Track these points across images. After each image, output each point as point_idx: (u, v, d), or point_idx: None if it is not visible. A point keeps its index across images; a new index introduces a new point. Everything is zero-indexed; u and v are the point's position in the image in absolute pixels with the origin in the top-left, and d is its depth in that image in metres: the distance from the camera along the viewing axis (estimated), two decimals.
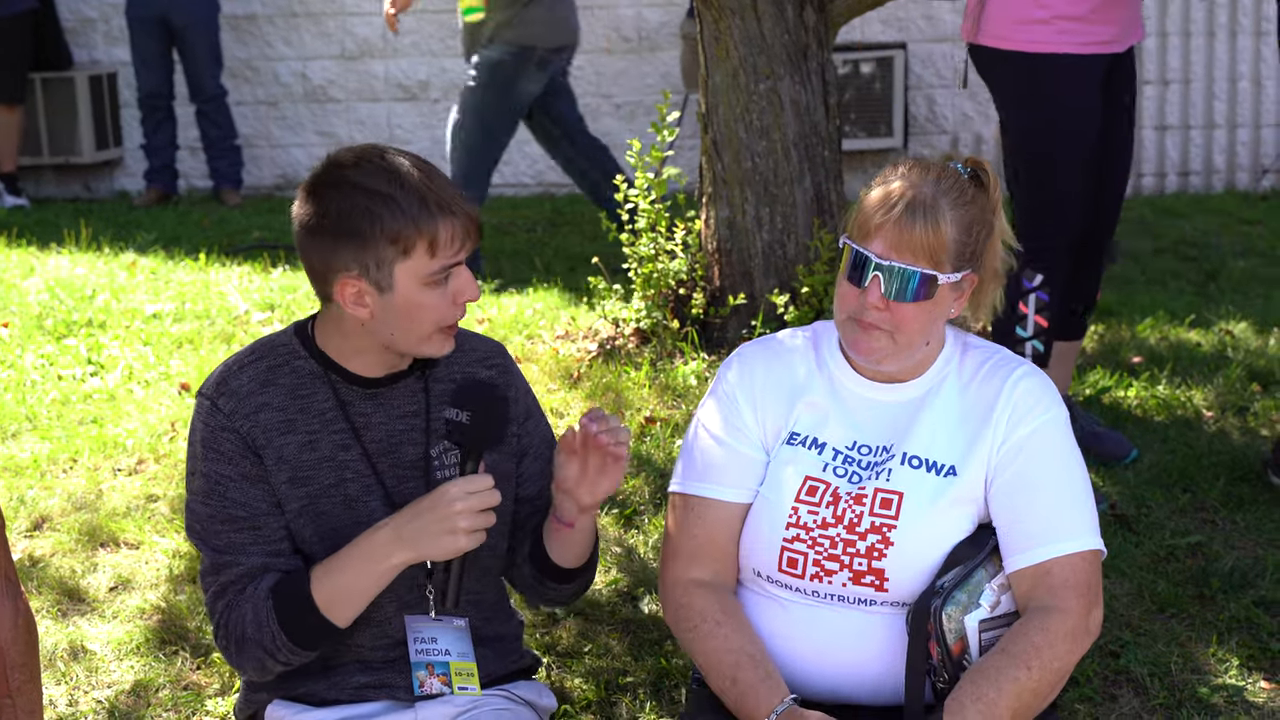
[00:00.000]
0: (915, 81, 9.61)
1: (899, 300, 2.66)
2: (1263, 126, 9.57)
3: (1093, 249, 4.67)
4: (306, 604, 2.62)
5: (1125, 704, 3.47)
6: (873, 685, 2.73)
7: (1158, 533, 4.21)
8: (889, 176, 2.72)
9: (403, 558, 2.60)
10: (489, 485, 2.58)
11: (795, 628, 2.74)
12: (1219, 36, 9.53)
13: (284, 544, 2.69)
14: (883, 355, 2.72)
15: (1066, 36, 4.38)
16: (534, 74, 7.32)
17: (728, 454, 2.80)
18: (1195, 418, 5.05)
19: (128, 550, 4.29)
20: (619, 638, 3.76)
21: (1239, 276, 7.06)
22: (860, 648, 2.72)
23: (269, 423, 2.69)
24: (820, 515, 2.71)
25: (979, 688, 2.57)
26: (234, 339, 6.00)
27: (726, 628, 2.73)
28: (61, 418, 5.22)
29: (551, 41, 7.33)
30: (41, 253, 7.77)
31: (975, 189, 2.73)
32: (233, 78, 9.96)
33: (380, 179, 2.58)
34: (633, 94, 9.81)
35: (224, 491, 2.68)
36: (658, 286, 5.29)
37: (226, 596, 2.68)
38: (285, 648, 2.64)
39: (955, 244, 2.67)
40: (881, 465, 2.72)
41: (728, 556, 2.81)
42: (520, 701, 2.87)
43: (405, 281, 2.60)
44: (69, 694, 3.63)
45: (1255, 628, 3.75)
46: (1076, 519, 2.69)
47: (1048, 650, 2.61)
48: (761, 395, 2.82)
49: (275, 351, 2.75)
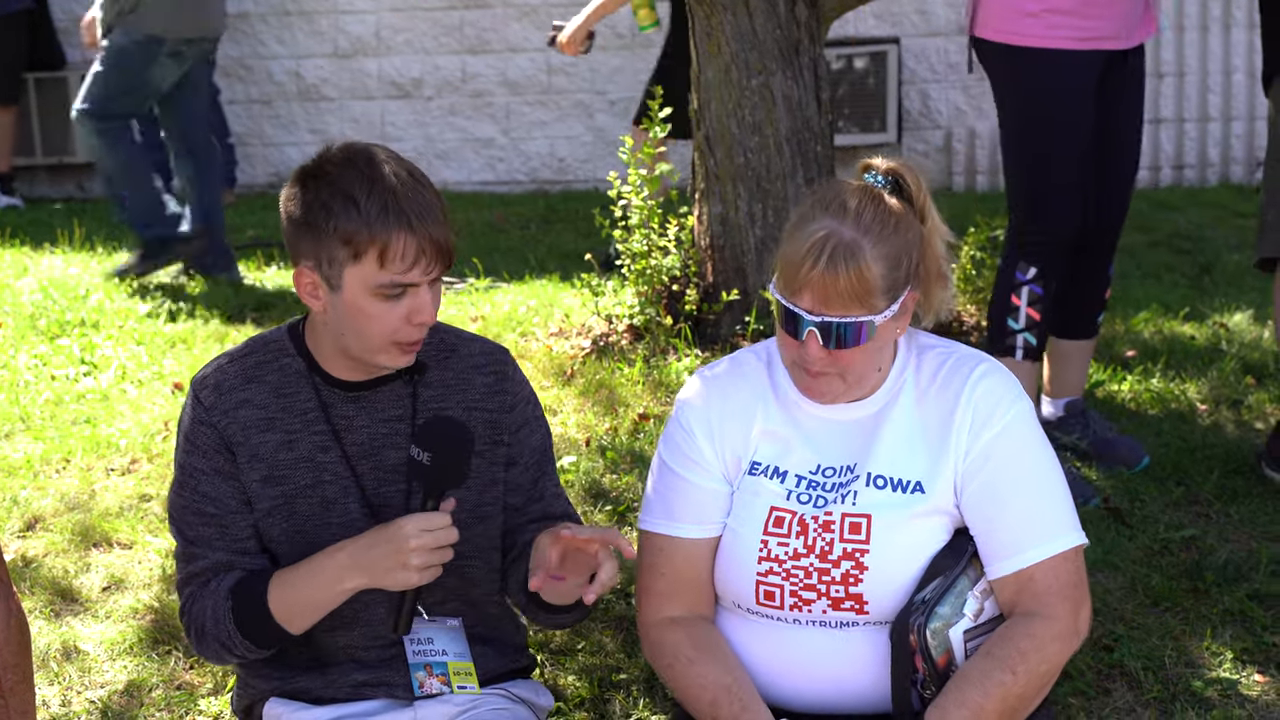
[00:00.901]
0: (909, 76, 9.60)
1: (838, 349, 2.62)
2: (1257, 119, 9.56)
3: (1097, 247, 4.65)
4: (262, 610, 2.66)
5: (1119, 698, 3.47)
6: (860, 699, 2.72)
7: (1151, 526, 4.21)
8: (806, 218, 2.64)
9: (356, 583, 2.62)
10: (446, 524, 2.57)
11: (781, 647, 2.72)
12: (1212, 30, 9.52)
13: (250, 542, 2.72)
14: (835, 396, 2.70)
15: (1058, 31, 4.37)
16: (166, 64, 6.88)
17: (689, 490, 2.77)
18: (1189, 411, 5.05)
19: (120, 550, 4.29)
20: (612, 635, 3.76)
21: (1233, 270, 7.05)
22: (846, 664, 2.70)
23: (248, 419, 2.70)
24: (790, 546, 2.68)
25: (964, 693, 2.56)
26: (227, 338, 5.99)
27: (700, 664, 2.70)
28: (54, 418, 5.21)
29: (181, 32, 6.87)
30: (35, 253, 7.76)
31: (899, 202, 2.67)
32: (226, 76, 9.95)
33: (353, 180, 2.58)
34: (627, 90, 9.80)
35: (196, 484, 2.71)
36: (651, 283, 5.29)
37: (191, 586, 2.73)
38: (241, 645, 2.69)
39: (885, 280, 2.60)
40: (846, 487, 2.69)
41: (699, 591, 2.78)
42: (518, 700, 2.87)
43: (353, 285, 2.60)
44: (62, 694, 3.62)
45: (1249, 621, 3.74)
46: (1053, 518, 2.67)
47: (1034, 655, 2.59)
48: (719, 427, 2.78)
49: (266, 348, 2.77)
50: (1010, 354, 4.48)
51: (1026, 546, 2.63)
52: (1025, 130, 4.50)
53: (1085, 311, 4.74)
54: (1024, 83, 4.47)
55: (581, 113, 9.93)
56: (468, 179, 10.00)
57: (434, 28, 9.89)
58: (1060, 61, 4.40)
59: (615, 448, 4.59)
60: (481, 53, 9.91)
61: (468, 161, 10.01)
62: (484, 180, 10.00)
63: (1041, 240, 4.47)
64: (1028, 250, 4.48)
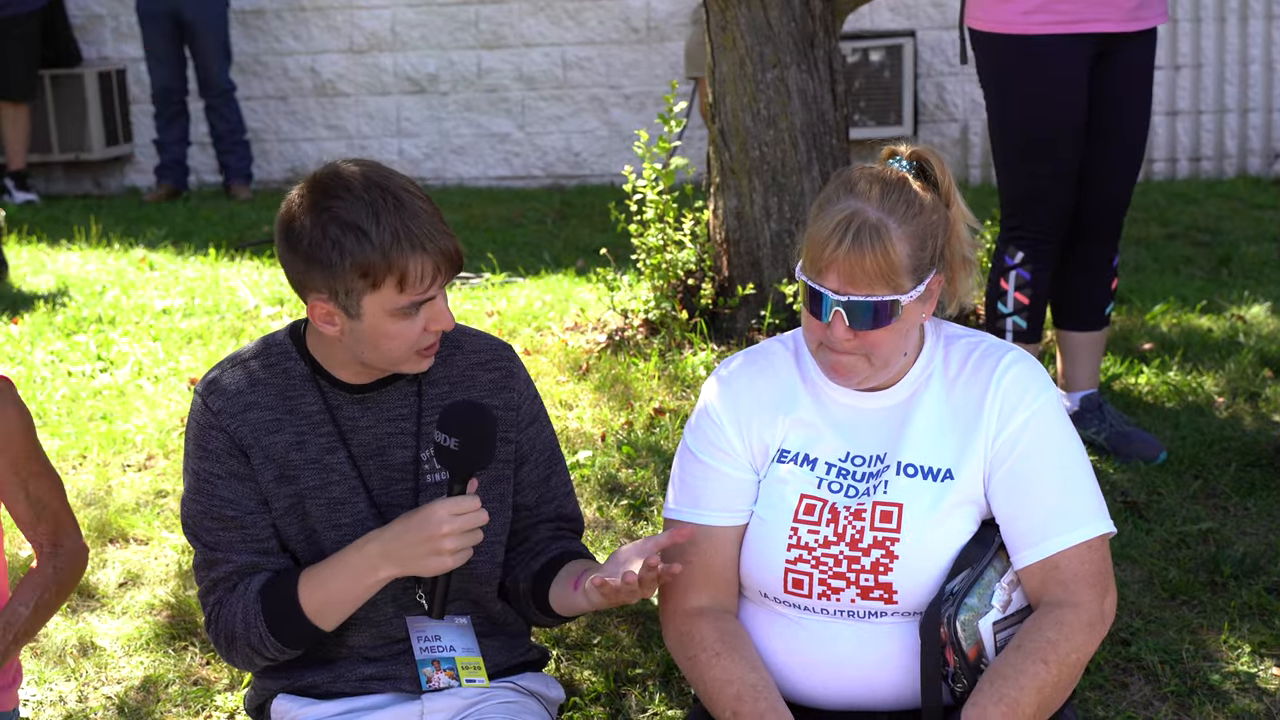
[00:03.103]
0: (925, 69, 9.58)
1: (864, 329, 2.60)
2: (1274, 110, 9.53)
3: (1097, 235, 4.64)
4: (294, 608, 2.66)
5: (1136, 691, 3.46)
6: (889, 694, 2.70)
7: (1169, 520, 4.20)
8: (831, 199, 2.62)
9: (390, 573, 2.63)
10: (476, 506, 2.60)
11: (806, 643, 2.71)
12: (1229, 21, 9.48)
13: (271, 542, 2.72)
14: (862, 379, 2.67)
15: (1039, 16, 4.38)
16: None
17: (717, 479, 2.75)
18: (1206, 404, 5.03)
19: (137, 546, 4.29)
20: (628, 629, 3.75)
21: (1251, 261, 7.03)
22: (874, 659, 2.68)
23: (257, 421, 2.70)
24: (821, 534, 2.66)
25: (999, 689, 2.54)
26: (243, 334, 6.00)
27: (726, 658, 2.68)
28: (71, 414, 5.22)
29: None
30: (52, 249, 7.78)
31: (923, 185, 2.65)
32: (241, 72, 9.97)
33: (359, 210, 2.56)
34: (642, 84, 9.79)
35: (212, 489, 2.70)
36: (666, 277, 5.28)
37: (217, 593, 2.72)
38: (274, 647, 2.68)
39: (911, 259, 2.58)
40: (878, 477, 2.68)
41: (725, 581, 2.77)
42: (527, 693, 2.87)
43: (373, 311, 2.60)
44: (79, 690, 3.63)
45: (1267, 614, 3.73)
46: (1079, 507, 2.66)
47: (1064, 644, 2.58)
48: (746, 415, 2.76)
49: (270, 350, 2.76)
50: (1001, 337, 4.50)
51: (1053, 534, 2.63)
52: (1013, 118, 4.53)
53: (1093, 303, 4.73)
54: (1011, 71, 4.48)
55: (597, 107, 9.93)
56: (483, 174, 10.01)
57: (449, 23, 9.89)
58: (1047, 48, 4.39)
59: (631, 442, 4.59)
60: (497, 48, 9.91)
61: (483, 156, 10.01)
62: (499, 175, 10.01)
63: (1029, 226, 4.52)
64: (1015, 236, 4.55)
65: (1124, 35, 4.47)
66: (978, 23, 4.54)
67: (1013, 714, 2.52)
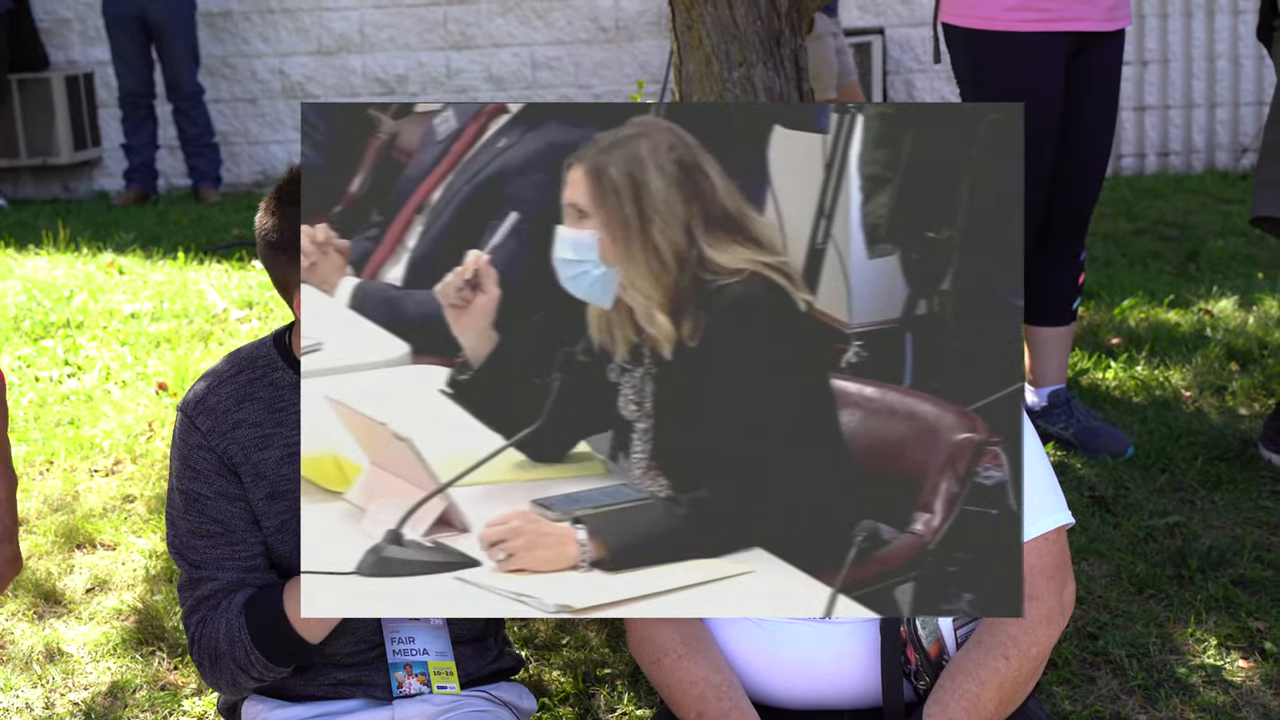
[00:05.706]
0: (894, 66, 9.60)
1: None
2: (1241, 105, 9.57)
3: (1065, 232, 4.65)
4: (279, 619, 2.62)
5: (1104, 685, 3.47)
6: (852, 693, 2.70)
7: (1136, 513, 4.21)
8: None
9: None
10: None
11: (769, 643, 2.70)
12: (1196, 16, 9.52)
13: (259, 560, 2.68)
14: None
15: (1022, 13, 4.38)
16: None
17: None
18: (1173, 398, 5.05)
19: (104, 551, 4.28)
20: (596, 629, 3.75)
21: (1219, 256, 7.06)
22: (836, 658, 2.68)
23: (246, 439, 2.67)
24: None
25: (960, 684, 2.55)
26: (212, 337, 5.98)
27: (689, 659, 2.67)
28: (39, 419, 5.20)
29: None
30: (19, 254, 7.74)
31: None
32: (210, 75, 9.93)
33: None
34: (611, 84, 9.79)
35: (201, 509, 2.67)
36: None
37: (201, 611, 2.67)
38: (259, 663, 2.63)
39: None
40: None
41: None
42: (500, 703, 2.85)
43: None
44: (45, 696, 3.62)
45: (1234, 607, 3.75)
46: (1035, 500, 2.67)
47: (1024, 638, 2.59)
48: None
49: (254, 364, 2.73)
50: None
51: None
52: None
53: (1059, 298, 4.74)
54: (989, 68, 4.48)
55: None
56: None
57: (418, 24, 9.88)
58: (1025, 45, 4.40)
59: None
60: (465, 48, 9.90)
61: None
62: None
63: None
64: None
65: (1099, 35, 4.49)
66: (955, 18, 4.51)
67: (974, 709, 2.53)
